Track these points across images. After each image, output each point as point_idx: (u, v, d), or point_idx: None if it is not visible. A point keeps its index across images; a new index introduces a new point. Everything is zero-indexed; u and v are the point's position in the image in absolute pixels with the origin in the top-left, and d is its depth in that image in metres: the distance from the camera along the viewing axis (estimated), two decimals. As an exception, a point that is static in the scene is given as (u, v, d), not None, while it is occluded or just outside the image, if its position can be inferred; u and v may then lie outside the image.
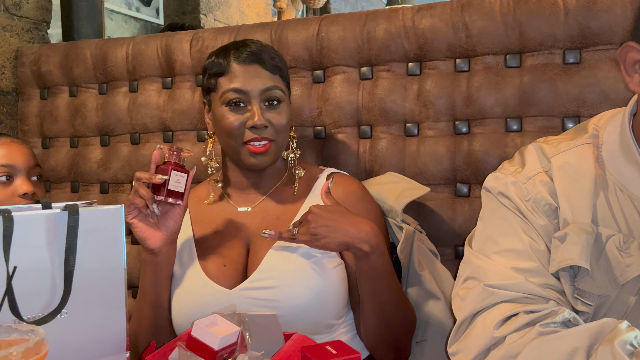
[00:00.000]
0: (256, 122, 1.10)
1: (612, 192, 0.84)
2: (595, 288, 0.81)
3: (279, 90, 1.14)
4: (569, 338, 0.71)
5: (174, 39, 1.61)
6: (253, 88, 1.11)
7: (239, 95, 1.11)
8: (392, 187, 1.28)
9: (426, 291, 1.18)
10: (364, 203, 1.17)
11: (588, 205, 0.84)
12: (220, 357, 0.81)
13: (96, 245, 0.83)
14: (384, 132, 1.43)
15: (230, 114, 1.12)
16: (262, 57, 1.13)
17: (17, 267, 0.74)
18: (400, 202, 1.23)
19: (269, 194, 1.20)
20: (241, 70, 1.12)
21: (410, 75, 1.41)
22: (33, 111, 1.76)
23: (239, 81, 1.11)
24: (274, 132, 1.13)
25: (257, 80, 1.11)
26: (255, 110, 1.11)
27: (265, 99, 1.12)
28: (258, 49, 1.14)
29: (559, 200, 0.86)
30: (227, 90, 1.12)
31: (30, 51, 1.77)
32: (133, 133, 1.66)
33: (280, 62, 1.17)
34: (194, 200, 1.26)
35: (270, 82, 1.12)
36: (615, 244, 0.80)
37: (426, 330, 1.18)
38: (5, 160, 1.27)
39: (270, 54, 1.15)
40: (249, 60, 1.12)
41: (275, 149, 1.14)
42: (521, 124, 1.33)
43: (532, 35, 1.30)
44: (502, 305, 0.81)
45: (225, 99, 1.12)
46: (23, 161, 1.29)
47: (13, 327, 0.66)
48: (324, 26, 1.46)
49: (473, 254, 0.89)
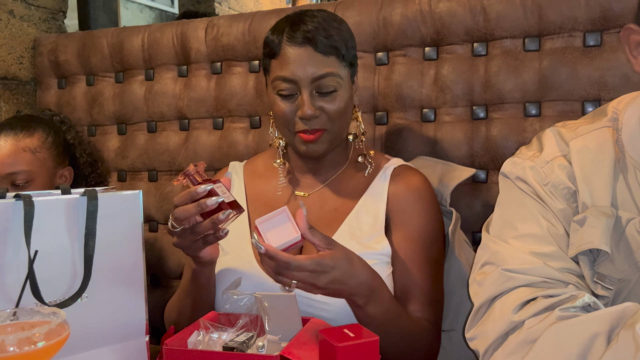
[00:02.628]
0: (305, 112, 1.03)
1: (632, 175, 0.82)
2: (616, 272, 0.79)
3: (332, 77, 1.04)
4: (589, 323, 0.70)
5: (189, 27, 1.61)
6: (303, 76, 1.03)
7: (287, 85, 1.05)
8: (430, 171, 1.24)
9: (461, 279, 1.16)
10: (423, 204, 1.11)
11: (607, 189, 0.82)
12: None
13: (115, 230, 0.84)
14: (400, 118, 1.42)
15: (281, 101, 1.06)
16: (315, 37, 1.03)
17: (38, 251, 0.75)
18: (446, 185, 1.19)
19: (329, 182, 1.15)
20: (291, 55, 1.04)
21: (427, 60, 1.40)
22: (51, 100, 1.78)
23: (288, 68, 1.04)
24: (327, 120, 1.06)
25: (307, 67, 1.03)
26: (305, 99, 1.04)
27: (316, 88, 1.05)
28: (314, 27, 1.04)
29: (578, 183, 0.84)
30: (276, 78, 1.06)
31: (48, 41, 1.78)
32: (150, 121, 1.67)
33: (338, 39, 1.06)
34: (248, 175, 1.22)
35: (323, 69, 1.03)
36: (635, 227, 0.79)
37: (456, 319, 1.17)
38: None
39: (327, 32, 1.05)
40: (301, 41, 1.03)
41: (329, 137, 1.08)
42: (540, 108, 1.31)
43: (551, 18, 1.28)
44: (520, 289, 0.80)
45: (275, 87, 1.07)
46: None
47: (35, 310, 0.68)
48: (339, 11, 1.45)
49: (491, 239, 0.88)
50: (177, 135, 1.63)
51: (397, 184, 1.12)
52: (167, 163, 1.64)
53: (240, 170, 1.24)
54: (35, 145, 1.37)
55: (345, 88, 1.07)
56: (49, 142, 1.40)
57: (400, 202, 1.11)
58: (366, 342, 0.72)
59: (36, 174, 1.36)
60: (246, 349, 0.86)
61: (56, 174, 1.42)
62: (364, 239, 1.07)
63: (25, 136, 1.37)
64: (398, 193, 1.11)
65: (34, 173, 1.36)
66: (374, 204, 1.11)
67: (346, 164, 1.17)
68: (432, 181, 1.21)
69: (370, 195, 1.12)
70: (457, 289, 1.17)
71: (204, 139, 1.60)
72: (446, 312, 1.15)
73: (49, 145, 1.40)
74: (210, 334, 0.90)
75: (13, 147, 1.35)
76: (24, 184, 1.34)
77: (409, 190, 1.11)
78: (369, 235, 1.08)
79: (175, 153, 1.62)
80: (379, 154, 1.20)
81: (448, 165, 1.26)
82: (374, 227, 1.09)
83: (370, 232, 1.08)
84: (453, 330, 1.16)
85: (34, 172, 1.36)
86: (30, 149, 1.36)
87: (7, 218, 0.76)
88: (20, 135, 1.37)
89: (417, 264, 1.07)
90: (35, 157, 1.36)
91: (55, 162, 1.41)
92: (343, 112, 1.07)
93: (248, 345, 0.87)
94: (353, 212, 1.11)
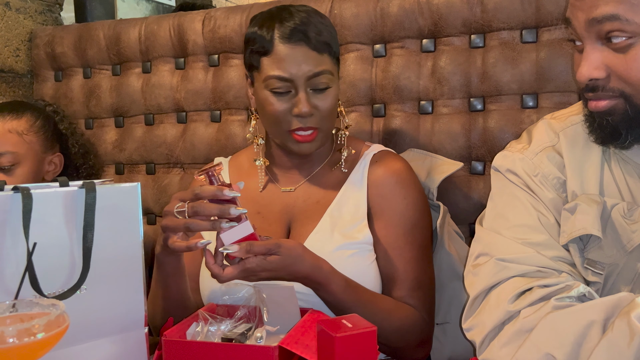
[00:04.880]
0: (302, 110, 1.03)
1: (615, 163, 0.85)
2: (605, 257, 0.81)
3: (327, 74, 1.05)
4: (584, 311, 0.71)
5: (186, 19, 1.61)
6: (299, 75, 1.03)
7: (282, 83, 1.04)
8: (418, 164, 1.24)
9: (452, 272, 1.17)
10: (403, 188, 1.10)
11: (596, 177, 0.85)
12: None
13: (113, 223, 0.84)
14: (398, 110, 1.42)
15: (275, 99, 1.05)
16: (308, 33, 1.03)
17: (36, 243, 0.75)
18: (433, 179, 1.20)
19: (312, 175, 1.16)
20: (286, 53, 1.03)
21: (425, 52, 1.40)
22: (48, 93, 1.78)
23: (283, 68, 1.03)
24: (320, 118, 1.06)
25: (303, 65, 1.03)
26: (301, 97, 1.03)
27: (310, 85, 1.05)
28: (304, 20, 1.04)
29: (568, 173, 0.87)
30: (271, 77, 1.04)
31: (44, 33, 1.77)
32: (147, 114, 1.67)
33: (327, 34, 1.06)
34: (234, 170, 1.22)
35: (318, 67, 1.04)
36: (619, 212, 0.81)
37: (449, 312, 1.17)
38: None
39: (318, 27, 1.05)
40: (295, 38, 1.03)
41: (321, 136, 1.09)
42: (537, 100, 1.31)
43: (549, 9, 1.28)
44: (515, 279, 0.81)
45: (269, 85, 1.05)
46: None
47: (34, 302, 0.68)
48: (337, 3, 1.44)
49: (484, 231, 0.89)
50: (174, 128, 1.63)
51: (376, 170, 1.12)
52: (164, 156, 1.64)
53: (226, 166, 1.24)
54: (22, 127, 1.36)
55: (335, 84, 1.09)
56: (37, 126, 1.39)
57: (379, 188, 1.11)
58: (364, 332, 0.73)
59: (22, 157, 1.35)
60: (245, 340, 0.86)
61: (45, 160, 1.41)
62: (345, 228, 1.08)
63: (12, 118, 1.36)
64: (377, 179, 1.11)
65: (20, 155, 1.35)
66: (355, 192, 1.11)
67: (329, 156, 1.17)
68: (420, 174, 1.22)
69: (350, 184, 1.12)
70: (449, 282, 1.17)
71: (201, 131, 1.59)
72: (439, 305, 1.15)
73: (37, 129, 1.39)
74: (208, 326, 0.90)
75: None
76: (10, 166, 1.33)
77: (388, 174, 1.11)
78: (351, 224, 1.08)
79: (172, 145, 1.62)
80: (359, 142, 1.20)
81: (437, 158, 1.26)
82: (355, 215, 1.09)
83: (352, 221, 1.09)
84: (447, 322, 1.16)
85: (20, 154, 1.35)
86: (17, 131, 1.35)
87: (5, 210, 0.76)
88: (7, 117, 1.36)
89: (400, 250, 1.07)
90: (22, 140, 1.35)
91: (44, 147, 1.40)
92: (334, 108, 1.09)
93: (247, 337, 0.87)
94: (334, 203, 1.11)
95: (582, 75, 0.78)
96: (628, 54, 0.75)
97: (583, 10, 0.77)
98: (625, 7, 0.73)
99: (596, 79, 0.78)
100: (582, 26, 0.78)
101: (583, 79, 0.79)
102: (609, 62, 0.77)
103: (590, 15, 0.76)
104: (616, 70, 0.76)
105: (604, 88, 0.78)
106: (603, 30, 0.75)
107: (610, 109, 0.79)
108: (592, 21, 0.76)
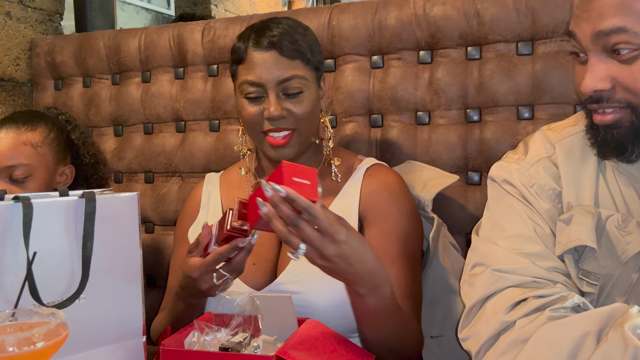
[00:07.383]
0: (272, 113, 1.06)
1: (611, 174, 0.86)
2: (599, 268, 0.82)
3: (298, 79, 1.07)
4: (579, 322, 0.72)
5: (185, 29, 1.62)
6: (268, 79, 1.06)
7: (254, 88, 1.08)
8: (416, 176, 1.25)
9: (447, 286, 1.17)
10: (396, 200, 1.11)
11: (591, 189, 0.86)
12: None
13: (113, 232, 0.85)
14: (395, 120, 1.43)
15: (249, 105, 1.09)
16: (281, 42, 1.06)
17: (36, 252, 0.76)
18: (429, 192, 1.20)
19: None
20: (257, 59, 1.07)
21: (422, 64, 1.41)
22: (48, 102, 1.78)
23: (254, 73, 1.07)
24: (295, 121, 1.08)
25: (273, 70, 1.06)
26: (271, 99, 1.07)
27: (282, 90, 1.08)
28: (279, 32, 1.08)
29: (563, 184, 0.87)
30: (243, 82, 1.09)
31: (45, 42, 1.79)
32: (146, 123, 1.68)
33: (303, 44, 1.09)
34: (225, 186, 1.23)
35: (288, 72, 1.07)
36: (614, 223, 0.82)
37: (444, 326, 1.17)
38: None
39: (292, 37, 1.08)
40: (266, 46, 1.07)
41: (298, 139, 1.10)
42: (533, 111, 1.32)
43: (544, 22, 1.29)
44: (511, 289, 0.81)
45: (242, 91, 1.10)
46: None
47: (34, 311, 0.68)
48: (335, 15, 1.46)
49: (480, 241, 0.90)
50: (173, 137, 1.64)
51: (369, 183, 1.13)
52: (163, 165, 1.64)
53: (217, 181, 1.26)
54: (37, 139, 1.36)
55: (311, 90, 1.10)
56: (50, 138, 1.39)
57: (373, 200, 1.11)
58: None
59: (35, 169, 1.34)
60: (242, 350, 0.87)
61: (56, 171, 1.40)
62: None
63: (27, 130, 1.35)
64: (371, 191, 1.12)
65: (33, 168, 1.33)
66: (347, 205, 1.12)
67: (319, 167, 1.17)
68: (417, 186, 1.23)
69: (343, 197, 1.13)
70: (444, 295, 1.17)
71: (200, 140, 1.60)
72: (433, 318, 1.16)
73: (51, 141, 1.38)
74: (205, 335, 0.90)
75: (14, 140, 1.33)
76: (23, 179, 1.32)
77: (381, 187, 1.12)
78: None
79: (171, 155, 1.63)
80: (351, 155, 1.21)
81: (435, 171, 1.27)
82: None
83: None
84: (442, 336, 1.16)
85: (33, 166, 1.33)
86: (32, 143, 1.35)
87: (5, 219, 0.77)
88: (22, 128, 1.35)
89: (392, 259, 1.07)
90: (35, 152, 1.34)
91: (56, 158, 1.39)
92: (310, 113, 1.10)
93: (244, 346, 0.88)
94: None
95: (586, 86, 0.78)
96: (634, 65, 0.75)
97: (589, 22, 0.77)
98: (632, 20, 0.73)
99: (601, 90, 0.78)
100: (588, 38, 0.78)
101: (588, 90, 0.78)
102: (614, 74, 0.77)
103: (597, 28, 0.76)
104: (622, 82, 0.77)
105: (609, 99, 0.78)
106: (610, 43, 0.75)
107: (617, 122, 0.79)
108: (599, 34, 0.76)
